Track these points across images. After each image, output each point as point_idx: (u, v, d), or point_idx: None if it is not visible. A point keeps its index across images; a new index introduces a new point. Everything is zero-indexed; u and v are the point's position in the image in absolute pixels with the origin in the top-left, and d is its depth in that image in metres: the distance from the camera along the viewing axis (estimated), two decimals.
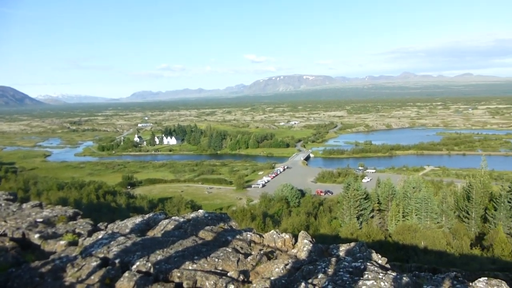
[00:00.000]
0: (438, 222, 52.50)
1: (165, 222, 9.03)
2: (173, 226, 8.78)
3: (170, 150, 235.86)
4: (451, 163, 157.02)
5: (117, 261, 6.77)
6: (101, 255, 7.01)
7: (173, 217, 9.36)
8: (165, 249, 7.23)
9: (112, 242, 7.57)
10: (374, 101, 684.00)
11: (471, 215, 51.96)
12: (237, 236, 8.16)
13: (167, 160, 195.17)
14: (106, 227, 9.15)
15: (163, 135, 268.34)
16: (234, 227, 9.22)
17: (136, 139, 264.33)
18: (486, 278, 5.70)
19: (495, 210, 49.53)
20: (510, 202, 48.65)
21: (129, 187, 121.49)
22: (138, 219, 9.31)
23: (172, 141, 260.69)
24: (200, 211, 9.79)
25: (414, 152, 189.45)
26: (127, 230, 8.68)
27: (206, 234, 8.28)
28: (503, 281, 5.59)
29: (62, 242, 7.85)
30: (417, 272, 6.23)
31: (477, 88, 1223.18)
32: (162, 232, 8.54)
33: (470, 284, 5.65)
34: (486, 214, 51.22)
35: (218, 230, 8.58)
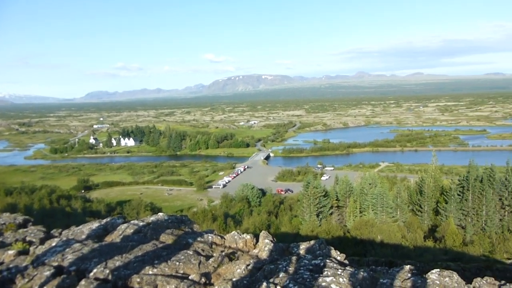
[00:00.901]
0: (393, 216, 54.57)
1: (123, 226, 8.79)
2: (132, 231, 8.56)
3: (128, 152, 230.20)
4: (404, 159, 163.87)
5: (72, 269, 6.52)
6: (55, 264, 6.72)
7: (132, 221, 9.13)
8: (124, 255, 7.04)
9: (67, 250, 7.27)
10: (331, 100, 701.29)
11: (423, 208, 54.42)
12: (198, 239, 8.09)
13: (125, 162, 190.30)
14: (60, 233, 8.78)
15: (120, 137, 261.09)
16: (195, 229, 9.13)
17: (92, 140, 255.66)
18: (438, 269, 6.00)
19: (446, 203, 52.13)
20: (459, 195, 51.40)
21: (83, 191, 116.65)
22: (95, 224, 9.01)
23: (130, 142, 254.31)
24: (160, 214, 9.62)
25: (370, 149, 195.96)
26: (83, 236, 8.38)
27: (166, 238, 8.15)
28: (454, 272, 5.91)
29: (10, 252, 7.43)
30: (373, 267, 6.46)
31: (427, 87, 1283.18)
32: (121, 237, 8.31)
33: (424, 276, 5.92)
34: (437, 207, 53.82)
35: (179, 233, 8.47)
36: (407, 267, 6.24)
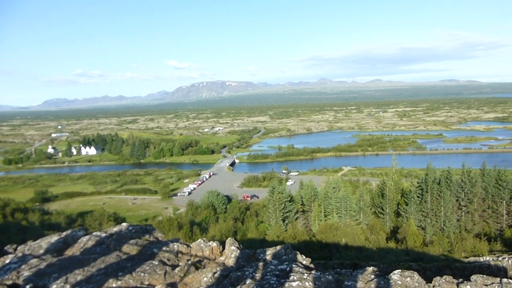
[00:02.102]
0: (356, 219, 55.84)
1: (85, 238, 8.50)
2: (94, 243, 8.30)
3: (89, 161, 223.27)
4: (366, 163, 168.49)
5: (28, 286, 6.22)
6: (9, 282, 6.40)
7: (94, 233, 8.85)
8: (85, 268, 6.81)
9: (22, 266, 6.94)
10: (295, 106, 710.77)
11: (385, 210, 56.04)
12: (164, 248, 7.95)
13: (86, 171, 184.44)
14: (15, 249, 8.37)
15: (81, 145, 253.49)
16: (160, 239, 8.97)
17: (50, 150, 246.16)
18: (400, 270, 6.20)
19: (406, 205, 53.93)
20: (419, 197, 53.32)
21: (37, 204, 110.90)
22: (54, 238, 8.66)
23: (91, 151, 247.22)
24: (124, 224, 9.38)
25: (333, 154, 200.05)
26: (41, 251, 8.03)
27: (130, 248, 7.95)
28: (415, 272, 6.13)
29: None
30: (338, 270, 6.58)
31: (386, 93, 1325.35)
32: (82, 250, 8.03)
33: (387, 277, 6.09)
34: (398, 209, 55.59)
35: (144, 243, 8.29)
36: (370, 268, 6.40)
